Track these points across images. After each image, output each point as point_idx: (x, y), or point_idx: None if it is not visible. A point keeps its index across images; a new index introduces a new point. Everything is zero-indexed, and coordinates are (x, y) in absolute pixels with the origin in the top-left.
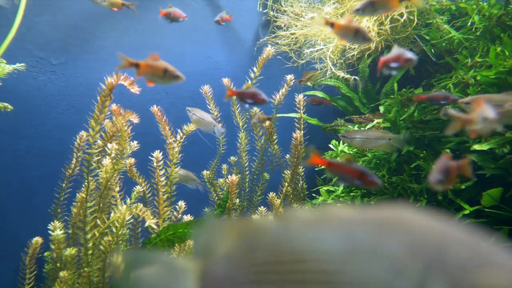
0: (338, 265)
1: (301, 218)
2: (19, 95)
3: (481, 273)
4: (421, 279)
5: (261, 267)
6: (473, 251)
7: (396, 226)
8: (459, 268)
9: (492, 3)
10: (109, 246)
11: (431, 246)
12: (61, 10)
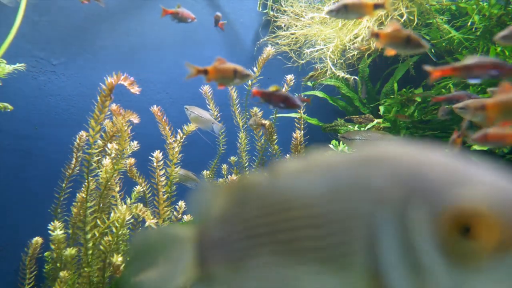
0: (324, 206)
1: (289, 168)
2: (19, 95)
3: (461, 192)
4: (402, 207)
5: (252, 221)
6: (453, 172)
7: (377, 160)
8: (439, 191)
9: (492, 3)
10: (109, 246)
11: (411, 174)
12: (61, 10)
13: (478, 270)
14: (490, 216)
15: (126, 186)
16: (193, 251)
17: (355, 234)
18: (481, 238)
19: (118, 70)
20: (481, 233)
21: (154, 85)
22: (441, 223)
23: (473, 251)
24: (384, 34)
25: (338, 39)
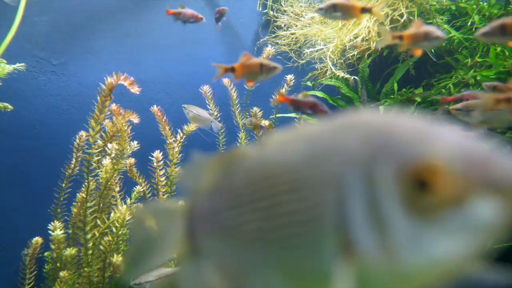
0: (300, 172)
1: (274, 139)
2: (19, 95)
3: (420, 149)
4: (368, 165)
5: (238, 191)
6: (416, 132)
7: (350, 125)
8: (401, 149)
9: (492, 3)
10: (109, 246)
11: (378, 134)
12: (61, 10)
13: (434, 223)
14: (445, 170)
15: (126, 186)
16: (183, 224)
17: (326, 196)
18: (437, 191)
19: (118, 70)
20: (437, 187)
21: (154, 85)
22: (401, 178)
23: (430, 204)
24: (407, 35)
25: (338, 39)
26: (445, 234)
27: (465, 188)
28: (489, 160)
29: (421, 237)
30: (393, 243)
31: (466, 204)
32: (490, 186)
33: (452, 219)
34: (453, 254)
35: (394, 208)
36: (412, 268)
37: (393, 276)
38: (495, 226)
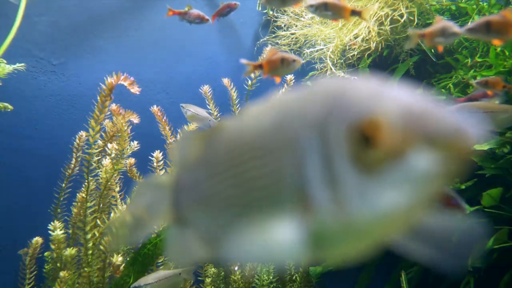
0: (266, 138)
1: (249, 111)
2: (19, 95)
3: (366, 106)
4: (323, 126)
5: (216, 161)
6: (368, 91)
7: (314, 92)
8: (353, 107)
9: (492, 3)
10: (109, 246)
11: (334, 97)
12: (61, 10)
13: (379, 176)
14: (386, 125)
15: (126, 186)
16: (169, 196)
17: (288, 159)
18: (379, 145)
19: (118, 70)
20: (379, 141)
21: (154, 85)
22: (349, 135)
23: (374, 159)
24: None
25: (338, 39)
26: (388, 186)
27: (405, 141)
28: (427, 114)
29: (368, 190)
30: (343, 198)
31: (406, 157)
32: (427, 139)
33: (394, 172)
34: (397, 206)
35: (344, 164)
36: (362, 222)
37: (346, 230)
38: (433, 177)
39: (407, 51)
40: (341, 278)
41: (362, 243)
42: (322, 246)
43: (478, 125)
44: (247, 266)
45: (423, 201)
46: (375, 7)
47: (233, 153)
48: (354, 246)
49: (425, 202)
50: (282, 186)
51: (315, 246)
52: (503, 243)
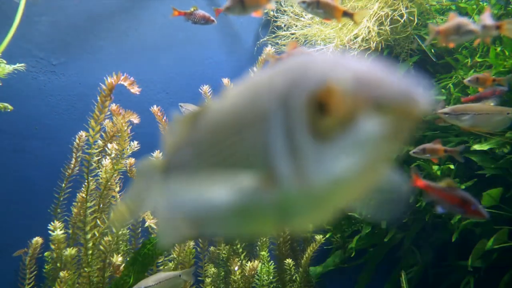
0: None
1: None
2: (19, 95)
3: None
4: (286, 98)
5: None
6: (327, 63)
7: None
8: (311, 77)
9: (492, 3)
10: (109, 246)
11: (297, 70)
12: (61, 10)
13: (333, 143)
14: (338, 92)
15: (126, 186)
16: (160, 177)
17: (257, 133)
18: (333, 112)
19: (118, 70)
20: (332, 108)
21: (154, 85)
22: (306, 105)
23: (329, 126)
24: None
25: (338, 39)
26: (342, 152)
27: (355, 107)
28: (376, 81)
29: (324, 158)
30: (303, 168)
31: (357, 122)
32: (376, 104)
33: (347, 137)
34: (351, 170)
35: (303, 133)
36: (321, 188)
37: (307, 199)
38: (383, 140)
39: (407, 51)
40: (341, 278)
41: (323, 210)
42: (289, 215)
43: (424, 91)
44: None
45: (375, 164)
46: (375, 7)
47: (214, 132)
48: (317, 213)
49: (377, 165)
50: (253, 159)
51: (282, 216)
52: (503, 243)
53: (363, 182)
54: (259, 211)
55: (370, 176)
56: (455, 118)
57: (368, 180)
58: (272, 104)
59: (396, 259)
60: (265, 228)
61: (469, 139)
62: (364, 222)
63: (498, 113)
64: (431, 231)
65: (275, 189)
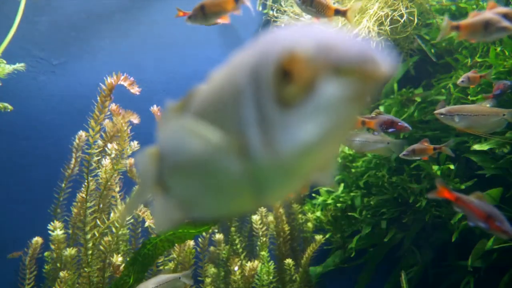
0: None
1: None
2: (19, 95)
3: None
4: (258, 70)
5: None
6: (293, 33)
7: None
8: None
9: None
10: (109, 246)
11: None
12: (61, 10)
13: (297, 109)
14: (299, 58)
15: (126, 186)
16: (154, 169)
17: (233, 108)
18: (296, 79)
19: (118, 70)
20: (295, 75)
21: (154, 85)
22: (272, 74)
23: (293, 92)
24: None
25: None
26: (307, 118)
27: (317, 72)
28: (335, 45)
29: (290, 125)
30: (272, 137)
31: (319, 87)
32: (335, 67)
33: (310, 103)
34: (316, 136)
35: (270, 103)
36: (289, 157)
37: (278, 169)
38: (345, 103)
39: (407, 51)
40: (341, 278)
41: (294, 179)
42: (262, 187)
43: (383, 52)
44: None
45: (339, 129)
46: (375, 7)
47: (199, 113)
48: (288, 183)
49: (341, 130)
50: (230, 135)
51: (256, 188)
52: (503, 243)
53: (329, 148)
54: (234, 182)
55: (335, 141)
56: (450, 119)
57: (334, 145)
58: (245, 78)
59: (396, 259)
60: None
61: (469, 139)
62: (364, 222)
63: (494, 115)
64: (431, 231)
65: (247, 160)
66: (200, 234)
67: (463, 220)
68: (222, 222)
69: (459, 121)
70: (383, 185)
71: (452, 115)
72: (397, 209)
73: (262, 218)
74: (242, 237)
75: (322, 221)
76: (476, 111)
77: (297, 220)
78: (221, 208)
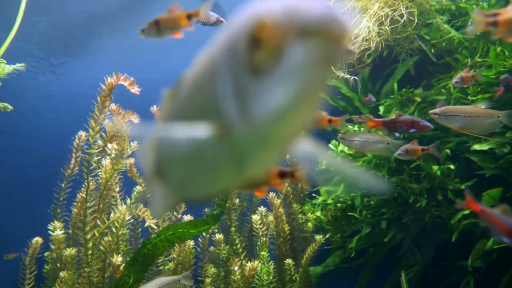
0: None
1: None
2: (19, 95)
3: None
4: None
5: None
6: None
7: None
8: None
9: (492, 3)
10: (109, 246)
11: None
12: (61, 10)
13: (268, 76)
14: (268, 24)
15: (126, 186)
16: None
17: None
18: (265, 44)
19: (118, 70)
20: (264, 41)
21: (154, 85)
22: (244, 43)
23: (263, 59)
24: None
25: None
26: (277, 84)
27: (283, 36)
28: (301, 9)
29: (263, 93)
30: (247, 106)
31: (287, 52)
32: (301, 31)
33: (279, 68)
34: (288, 100)
35: (244, 72)
36: (264, 124)
37: (256, 139)
38: (313, 66)
39: (407, 51)
40: (341, 278)
41: (272, 149)
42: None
43: (346, 13)
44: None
45: (310, 92)
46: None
47: (187, 96)
48: (267, 154)
49: (312, 94)
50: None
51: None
52: (503, 243)
53: (302, 113)
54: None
55: (307, 105)
56: (444, 119)
57: (307, 110)
58: (221, 53)
59: (396, 259)
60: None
61: (469, 139)
62: (364, 222)
63: (489, 116)
64: (431, 231)
65: (228, 136)
66: (200, 234)
67: (463, 220)
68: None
69: (453, 122)
70: None
71: (446, 116)
72: (397, 209)
73: (262, 218)
74: (242, 237)
75: (322, 221)
76: (470, 112)
77: (297, 220)
78: (210, 186)
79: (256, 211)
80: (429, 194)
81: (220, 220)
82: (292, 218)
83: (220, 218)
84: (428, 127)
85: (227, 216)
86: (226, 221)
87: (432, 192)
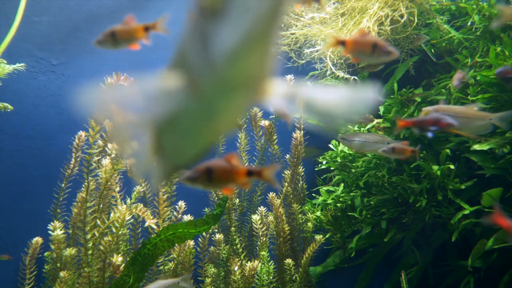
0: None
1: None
2: (19, 95)
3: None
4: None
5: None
6: None
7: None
8: None
9: (492, 3)
10: (109, 246)
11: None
12: (61, 10)
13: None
14: None
15: (126, 186)
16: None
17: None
18: None
19: (118, 70)
20: None
21: None
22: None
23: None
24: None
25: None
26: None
27: None
28: None
29: (219, 33)
30: (208, 51)
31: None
32: None
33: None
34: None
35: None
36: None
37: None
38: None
39: (407, 51)
40: (341, 278)
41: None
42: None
43: None
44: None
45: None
46: (375, 7)
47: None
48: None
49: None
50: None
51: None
52: (503, 243)
53: (259, 51)
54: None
55: (262, 44)
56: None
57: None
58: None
59: (396, 259)
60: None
61: (469, 139)
62: (364, 222)
63: (480, 118)
64: (431, 231)
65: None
66: (200, 234)
67: (463, 220)
68: (221, 221)
69: None
70: (383, 185)
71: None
72: (397, 209)
73: (262, 218)
74: (242, 237)
75: (322, 221)
76: (462, 113)
77: (297, 220)
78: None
79: (256, 211)
80: (429, 194)
81: (220, 220)
82: (292, 218)
83: (220, 218)
84: (451, 124)
85: (227, 216)
86: (226, 221)
87: (432, 192)
